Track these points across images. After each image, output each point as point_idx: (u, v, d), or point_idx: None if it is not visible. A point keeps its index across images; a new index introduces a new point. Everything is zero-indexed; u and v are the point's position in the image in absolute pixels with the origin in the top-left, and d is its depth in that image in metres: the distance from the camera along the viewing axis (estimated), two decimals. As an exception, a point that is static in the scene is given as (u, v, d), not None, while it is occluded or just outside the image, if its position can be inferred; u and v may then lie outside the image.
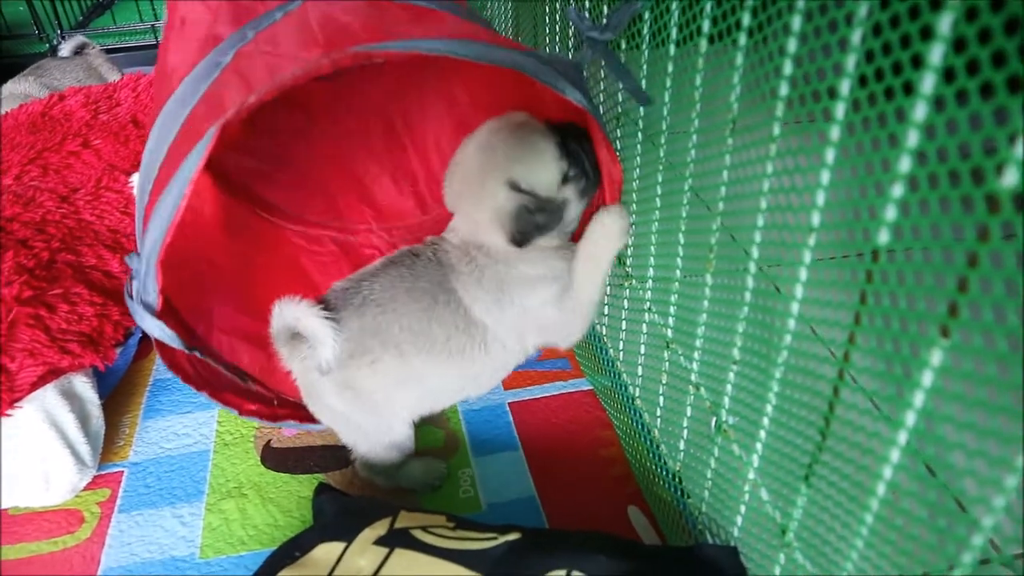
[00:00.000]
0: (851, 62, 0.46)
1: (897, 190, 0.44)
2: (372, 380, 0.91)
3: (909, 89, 0.40)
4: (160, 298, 0.81)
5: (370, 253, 1.34)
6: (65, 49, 1.95)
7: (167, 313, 0.84)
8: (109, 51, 2.05)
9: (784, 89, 0.53)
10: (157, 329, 0.83)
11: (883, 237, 0.46)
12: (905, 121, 0.41)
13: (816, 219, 0.52)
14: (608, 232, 0.90)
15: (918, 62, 0.40)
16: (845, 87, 0.47)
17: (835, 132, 0.49)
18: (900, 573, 0.52)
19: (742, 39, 0.58)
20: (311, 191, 1.39)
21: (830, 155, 0.50)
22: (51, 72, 1.76)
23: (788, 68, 0.53)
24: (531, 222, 0.87)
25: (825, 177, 0.51)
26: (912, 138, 0.42)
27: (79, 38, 1.97)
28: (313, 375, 0.92)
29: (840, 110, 0.48)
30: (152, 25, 2.43)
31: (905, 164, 0.43)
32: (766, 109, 0.56)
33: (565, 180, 0.89)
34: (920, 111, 0.41)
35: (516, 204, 0.87)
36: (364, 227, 1.40)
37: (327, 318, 0.87)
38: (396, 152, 1.47)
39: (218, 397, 0.97)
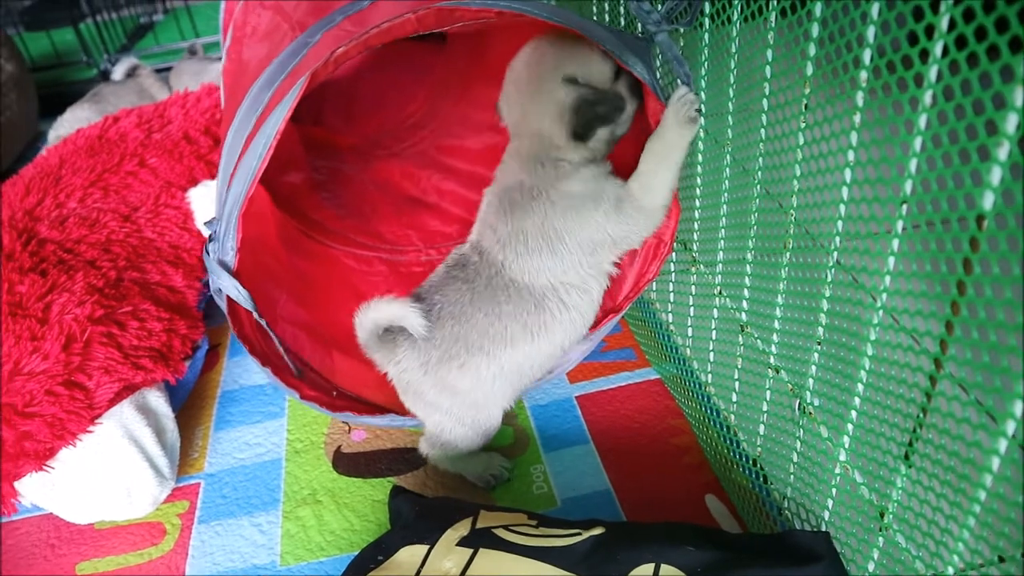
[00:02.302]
0: (944, 23, 0.44)
1: (1003, 152, 0.42)
2: (466, 380, 0.92)
3: (1019, 45, 0.38)
4: (237, 257, 0.82)
5: (421, 271, 1.34)
6: (118, 73, 1.99)
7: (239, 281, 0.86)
8: (156, 71, 2.09)
9: (868, 57, 0.51)
10: (232, 288, 0.83)
11: (988, 202, 0.44)
12: (1014, 79, 0.39)
13: (909, 187, 0.51)
14: (681, 115, 0.83)
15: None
16: (939, 49, 0.45)
17: (928, 97, 0.47)
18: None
19: (818, 9, 0.56)
20: (355, 218, 1.41)
21: (923, 121, 0.48)
22: (107, 98, 1.81)
23: (871, 35, 0.51)
24: (592, 112, 0.87)
25: (918, 143, 0.49)
26: (1020, 97, 0.40)
27: (131, 60, 2.02)
28: (410, 375, 0.93)
29: (933, 73, 0.46)
30: (194, 43, 2.46)
31: (1012, 124, 0.41)
32: (848, 80, 0.54)
33: (617, 76, 0.89)
34: (1030, 67, 0.39)
35: (576, 96, 0.87)
36: (412, 248, 1.40)
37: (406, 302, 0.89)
38: (435, 177, 1.48)
39: (280, 377, 0.97)
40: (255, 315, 0.86)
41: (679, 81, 0.83)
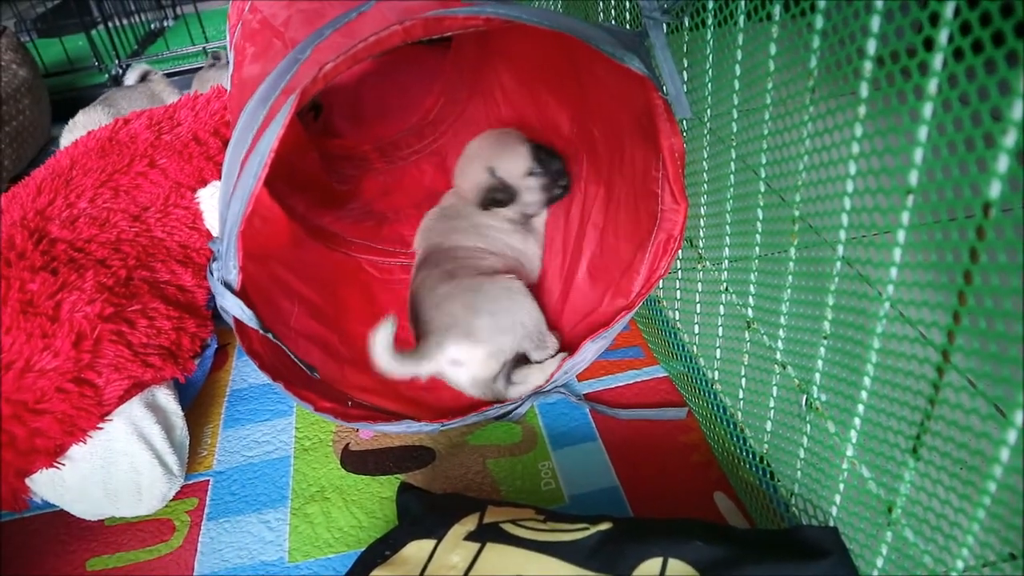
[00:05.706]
0: (949, 9, 0.44)
1: (1009, 139, 0.42)
2: None
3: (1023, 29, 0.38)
4: (240, 276, 0.82)
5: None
6: (130, 78, 2.02)
7: (246, 297, 0.86)
8: (166, 76, 2.11)
9: (871, 47, 0.51)
10: (236, 307, 0.83)
11: (994, 190, 0.44)
12: (1018, 65, 0.39)
13: (914, 178, 0.50)
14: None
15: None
16: (943, 37, 0.45)
17: (932, 86, 0.47)
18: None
19: (821, 2, 0.56)
20: (376, 220, 1.42)
21: (928, 110, 0.48)
22: (118, 102, 1.82)
23: (875, 24, 0.51)
24: (490, 197, 1.20)
25: (923, 133, 0.49)
26: (1025, 83, 0.40)
27: (143, 67, 2.04)
28: None
29: (938, 61, 0.46)
30: (204, 48, 2.48)
31: (1018, 110, 0.41)
32: (851, 71, 0.54)
33: (531, 174, 1.20)
34: (1034, 53, 0.39)
35: (486, 184, 1.21)
36: None
37: None
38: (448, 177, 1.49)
39: (293, 390, 0.97)
40: (261, 331, 0.86)
41: (658, 73, 0.84)
